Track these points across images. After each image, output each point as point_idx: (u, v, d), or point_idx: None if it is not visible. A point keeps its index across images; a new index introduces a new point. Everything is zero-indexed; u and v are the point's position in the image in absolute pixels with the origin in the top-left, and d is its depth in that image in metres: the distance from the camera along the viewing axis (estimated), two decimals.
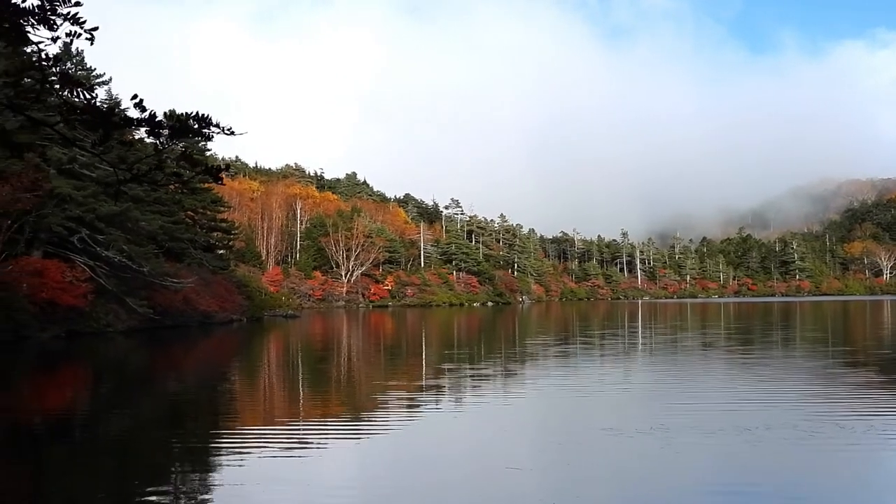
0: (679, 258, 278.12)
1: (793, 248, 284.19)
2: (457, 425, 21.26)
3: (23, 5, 6.26)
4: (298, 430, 20.08)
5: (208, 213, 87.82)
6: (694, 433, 18.45)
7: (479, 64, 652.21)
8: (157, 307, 60.97)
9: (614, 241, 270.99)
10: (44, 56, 6.45)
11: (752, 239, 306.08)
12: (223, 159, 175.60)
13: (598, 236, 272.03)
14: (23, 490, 15.10)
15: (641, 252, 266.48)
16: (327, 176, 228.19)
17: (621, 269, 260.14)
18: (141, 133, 6.73)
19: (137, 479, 15.46)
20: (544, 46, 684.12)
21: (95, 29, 6.36)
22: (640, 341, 55.17)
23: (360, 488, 14.69)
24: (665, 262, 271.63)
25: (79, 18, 6.23)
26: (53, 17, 6.24)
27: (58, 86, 6.53)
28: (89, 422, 23.05)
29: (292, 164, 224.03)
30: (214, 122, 6.46)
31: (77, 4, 6.23)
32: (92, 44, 6.46)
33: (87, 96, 6.65)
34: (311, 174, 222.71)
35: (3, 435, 21.27)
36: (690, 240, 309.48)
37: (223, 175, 6.99)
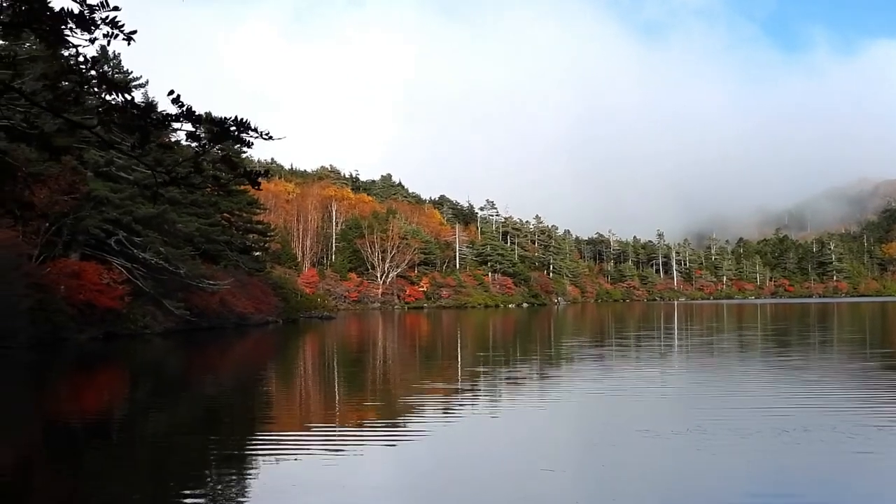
0: (715, 259, 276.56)
1: (830, 248, 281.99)
2: (492, 427, 21.20)
3: (60, 9, 6.30)
4: (335, 433, 20.07)
5: (244, 215, 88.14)
6: (731, 435, 18.30)
7: (513, 63, 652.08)
8: (194, 309, 61.29)
9: (650, 242, 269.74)
10: (81, 59, 6.49)
11: (788, 240, 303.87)
12: (259, 161, 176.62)
13: (634, 237, 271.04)
14: (61, 491, 15.20)
15: (677, 253, 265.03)
16: (362, 178, 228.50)
17: (657, 271, 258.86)
18: (179, 136, 6.75)
19: (174, 482, 15.51)
20: (578, 45, 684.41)
21: (134, 32, 6.39)
22: (677, 343, 54.87)
23: (395, 491, 14.68)
24: (701, 263, 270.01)
25: (117, 22, 6.26)
26: (92, 21, 6.27)
27: (96, 88, 6.56)
28: (126, 424, 23.17)
29: (327, 166, 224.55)
30: (253, 127, 6.47)
31: (115, 9, 6.25)
32: (129, 44, 6.49)
33: (125, 98, 6.68)
34: (347, 176, 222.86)
35: (41, 436, 21.44)
36: (727, 241, 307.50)
37: (261, 180, 7.00)
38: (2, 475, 16.38)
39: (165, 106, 6.75)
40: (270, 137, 6.49)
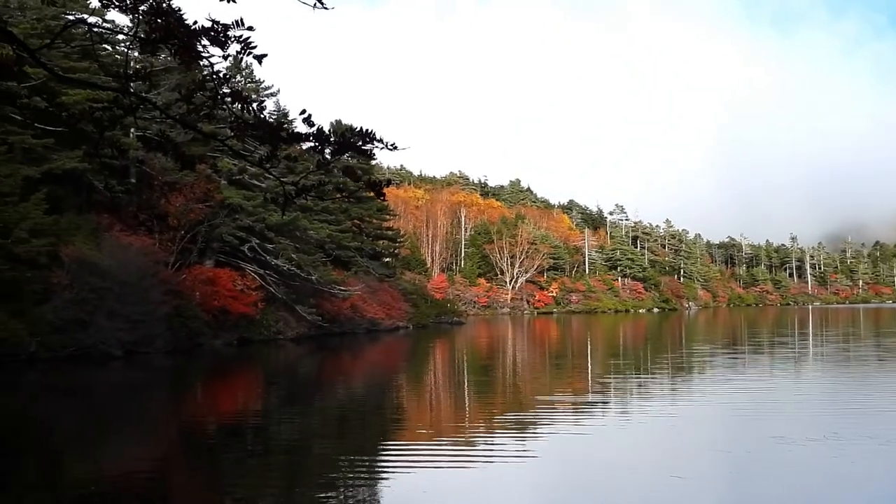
0: (851, 263, 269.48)
1: None
2: (622, 435, 20.96)
3: (195, 26, 6.37)
4: (464, 441, 20.04)
5: (374, 221, 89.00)
6: (869, 442, 17.81)
7: (639, 63, 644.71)
8: (325, 314, 62.10)
9: (783, 245, 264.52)
10: (214, 73, 6.55)
11: None
12: (388, 168, 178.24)
13: (766, 241, 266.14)
14: (197, 490, 15.52)
15: (811, 257, 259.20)
16: (491, 183, 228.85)
17: (790, 275, 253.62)
18: (307, 145, 6.78)
19: (306, 485, 15.69)
20: (709, 42, 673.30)
21: (264, 56, 6.44)
22: (812, 348, 53.63)
23: (524, 499, 14.59)
24: (836, 267, 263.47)
25: (250, 43, 6.31)
26: (225, 39, 6.33)
27: (228, 99, 6.62)
28: (260, 427, 23.55)
29: (456, 172, 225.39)
30: (378, 138, 6.46)
31: (249, 29, 6.30)
32: (260, 64, 6.54)
33: (257, 110, 6.73)
34: (475, 181, 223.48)
35: (179, 438, 21.93)
36: (862, 244, 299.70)
37: (385, 190, 6.99)
38: (143, 473, 16.81)
39: (295, 107, 6.78)
40: (395, 147, 6.47)
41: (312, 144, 6.56)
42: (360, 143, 6.44)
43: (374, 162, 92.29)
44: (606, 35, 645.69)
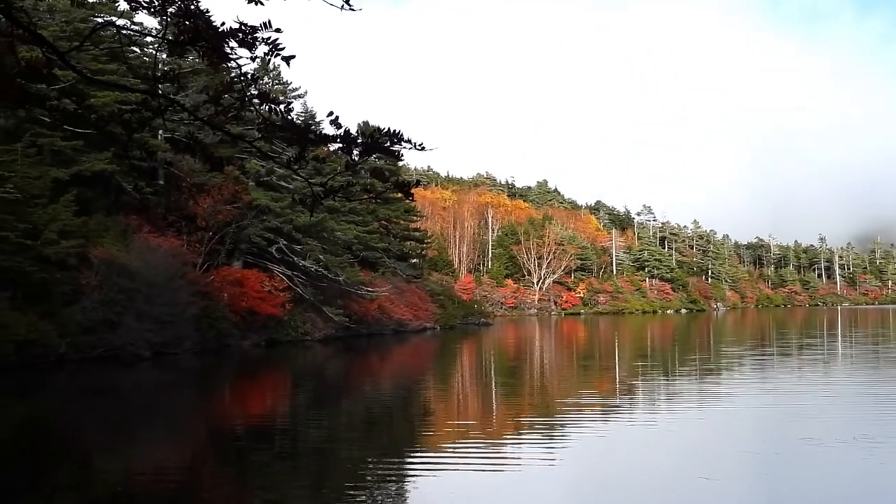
0: (880, 263, 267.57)
1: None
2: (649, 437, 20.86)
3: (223, 28, 6.37)
4: (492, 443, 20.02)
5: (402, 222, 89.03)
6: None
7: (668, 62, 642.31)
8: (353, 315, 62.18)
9: (811, 246, 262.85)
10: (242, 75, 6.56)
11: None
12: (416, 169, 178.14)
13: (795, 241, 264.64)
14: (224, 492, 15.55)
15: (840, 257, 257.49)
16: (518, 184, 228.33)
17: (819, 275, 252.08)
18: (335, 146, 6.78)
19: (334, 487, 15.69)
20: (739, 40, 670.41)
21: (292, 57, 6.44)
22: (841, 349, 53.26)
23: (552, 499, 14.56)
24: (865, 268, 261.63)
25: (277, 44, 6.31)
26: (253, 41, 6.33)
27: (256, 101, 6.63)
28: (288, 428, 23.60)
29: (483, 173, 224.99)
30: (405, 139, 6.44)
31: (277, 31, 6.30)
32: (288, 65, 6.54)
33: (285, 112, 6.74)
34: (503, 182, 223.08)
35: (207, 439, 22.01)
36: (892, 244, 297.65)
37: (412, 191, 6.98)
38: (171, 474, 16.89)
39: (322, 108, 6.79)
40: (423, 148, 6.46)
41: (340, 146, 6.55)
42: (388, 143, 6.43)
43: (401, 163, 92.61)
44: (634, 33, 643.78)
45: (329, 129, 6.67)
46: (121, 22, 32.60)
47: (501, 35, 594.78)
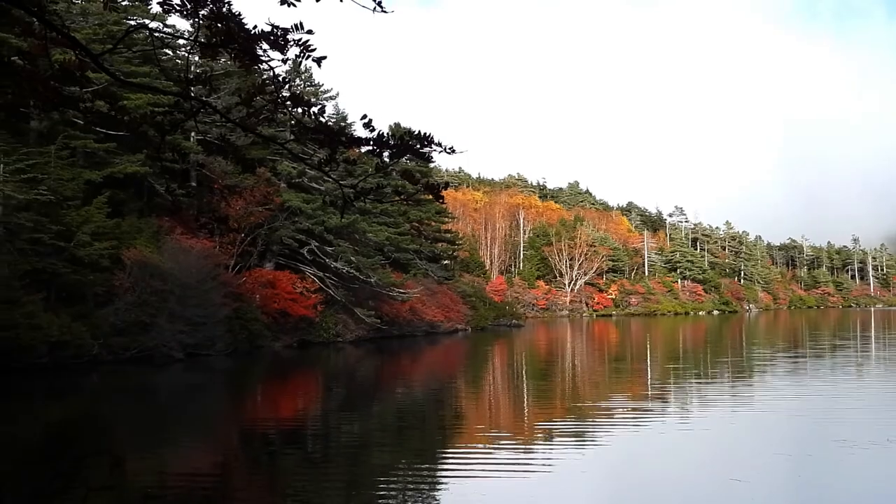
0: None
1: None
2: (681, 439, 20.78)
3: (255, 31, 6.37)
4: (523, 446, 19.98)
5: (433, 224, 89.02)
6: None
7: (699, 63, 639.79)
8: (384, 317, 62.25)
9: (844, 247, 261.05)
10: (274, 77, 6.56)
11: None
12: (447, 171, 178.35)
13: (828, 242, 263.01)
14: (255, 494, 15.57)
15: (874, 259, 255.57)
16: (549, 185, 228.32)
17: (852, 277, 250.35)
18: (366, 148, 6.77)
19: (365, 490, 15.70)
20: (770, 40, 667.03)
21: (324, 59, 6.42)
22: (874, 351, 52.85)
23: (583, 501, 14.51)
24: None
25: (309, 46, 6.29)
26: (285, 43, 6.33)
27: (288, 103, 6.63)
28: (320, 431, 23.65)
29: (515, 175, 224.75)
30: (436, 142, 6.42)
31: (309, 32, 6.29)
32: (320, 66, 6.53)
33: (317, 113, 6.73)
34: (534, 184, 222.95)
35: (239, 441, 22.07)
36: None
37: (443, 192, 6.97)
38: (204, 475, 16.97)
39: (353, 110, 6.78)
40: (453, 151, 6.44)
41: (371, 148, 6.54)
42: (419, 146, 6.41)
43: (432, 165, 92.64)
44: (666, 33, 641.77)
45: (361, 131, 6.68)
46: (153, 24, 32.79)
47: (532, 35, 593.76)
